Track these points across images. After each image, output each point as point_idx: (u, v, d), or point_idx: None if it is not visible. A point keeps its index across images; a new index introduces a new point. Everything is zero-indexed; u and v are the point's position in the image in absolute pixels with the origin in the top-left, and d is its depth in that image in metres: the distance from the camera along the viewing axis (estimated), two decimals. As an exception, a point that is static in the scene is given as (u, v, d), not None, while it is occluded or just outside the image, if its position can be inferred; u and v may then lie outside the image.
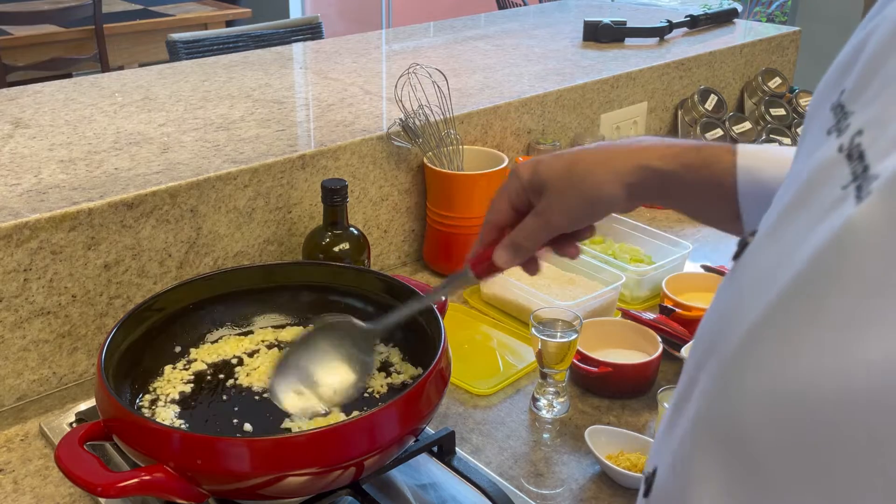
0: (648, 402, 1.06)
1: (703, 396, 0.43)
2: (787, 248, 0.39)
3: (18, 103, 1.41)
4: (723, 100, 1.85)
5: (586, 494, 0.90)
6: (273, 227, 1.21)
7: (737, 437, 0.39)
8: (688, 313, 1.16)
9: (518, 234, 0.75)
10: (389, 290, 0.99)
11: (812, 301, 0.35)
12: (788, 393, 0.35)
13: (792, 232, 0.39)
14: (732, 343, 0.41)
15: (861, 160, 0.35)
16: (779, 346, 0.37)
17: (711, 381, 0.42)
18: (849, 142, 0.37)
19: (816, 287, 0.35)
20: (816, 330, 0.35)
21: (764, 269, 0.41)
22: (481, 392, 1.07)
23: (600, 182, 0.72)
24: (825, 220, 0.36)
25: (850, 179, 0.35)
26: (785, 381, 0.36)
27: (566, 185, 0.73)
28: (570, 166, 0.73)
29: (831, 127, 0.40)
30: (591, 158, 0.73)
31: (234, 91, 1.51)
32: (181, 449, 0.73)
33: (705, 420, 0.43)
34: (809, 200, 0.39)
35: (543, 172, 0.74)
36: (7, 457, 0.94)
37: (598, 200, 0.73)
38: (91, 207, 1.02)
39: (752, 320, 0.39)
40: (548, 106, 1.57)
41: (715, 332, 0.45)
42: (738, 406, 0.39)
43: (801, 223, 0.38)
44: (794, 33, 2.12)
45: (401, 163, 1.35)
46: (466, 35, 2.03)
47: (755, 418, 0.38)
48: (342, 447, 0.75)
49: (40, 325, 1.02)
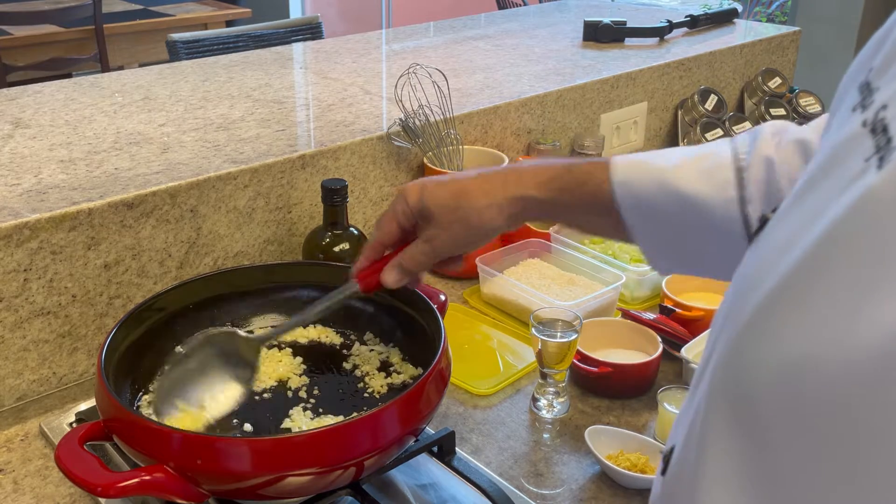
0: (648, 402, 1.06)
1: (718, 364, 0.44)
2: (807, 217, 0.39)
3: (18, 103, 1.41)
4: (723, 100, 1.85)
5: (586, 494, 0.90)
6: (273, 227, 1.21)
7: (746, 402, 0.40)
8: (688, 313, 1.16)
9: (406, 258, 0.82)
10: (389, 290, 0.99)
11: (828, 267, 0.36)
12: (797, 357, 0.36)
13: (812, 202, 0.40)
14: (747, 311, 0.41)
15: (885, 133, 0.35)
16: (792, 312, 0.37)
17: (726, 348, 0.43)
18: (873, 116, 0.37)
19: (833, 254, 0.36)
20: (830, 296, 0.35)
21: (783, 239, 0.41)
22: (481, 392, 1.07)
23: (482, 214, 0.78)
24: (847, 190, 0.36)
25: (873, 152, 0.36)
26: (795, 345, 0.36)
27: (451, 218, 0.79)
28: (455, 199, 0.79)
29: (857, 104, 0.40)
30: (473, 190, 0.79)
31: (234, 91, 1.51)
32: (181, 449, 0.73)
33: (719, 386, 0.43)
34: (832, 172, 0.39)
35: (430, 202, 0.80)
36: (7, 457, 0.94)
37: (480, 230, 0.79)
38: (91, 207, 1.02)
39: (767, 288, 0.40)
40: (548, 106, 1.57)
41: (732, 302, 0.45)
42: (749, 371, 0.40)
43: (821, 194, 0.39)
44: (794, 33, 2.12)
45: (401, 163, 1.35)
46: (466, 35, 2.03)
47: (764, 383, 0.38)
48: (342, 447, 0.75)
49: (40, 325, 1.02)
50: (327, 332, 1.03)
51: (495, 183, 0.78)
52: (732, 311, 0.44)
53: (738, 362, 0.41)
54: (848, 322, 0.33)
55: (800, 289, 0.37)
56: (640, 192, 0.72)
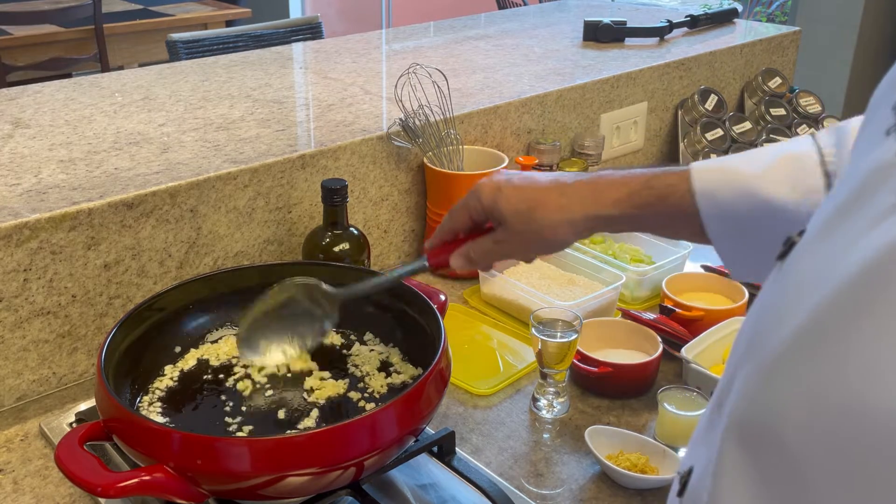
0: (648, 402, 1.06)
1: (741, 397, 0.43)
2: (838, 251, 0.38)
3: (18, 103, 1.41)
4: (723, 100, 1.85)
5: (586, 494, 0.90)
6: (273, 227, 1.21)
7: (774, 442, 0.38)
8: (688, 313, 1.16)
9: (476, 251, 0.82)
10: (389, 289, 0.99)
11: (861, 312, 0.34)
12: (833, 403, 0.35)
13: (842, 235, 0.38)
14: (773, 346, 0.40)
15: None
16: (821, 355, 0.36)
17: (750, 382, 0.42)
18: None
19: (866, 298, 0.34)
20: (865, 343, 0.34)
21: (811, 272, 0.40)
22: (481, 392, 1.07)
23: (556, 230, 0.77)
24: (878, 226, 0.35)
25: None
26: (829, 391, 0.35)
27: (524, 227, 0.79)
28: (529, 210, 0.78)
29: (891, 128, 0.39)
30: (549, 204, 0.77)
31: (234, 91, 1.51)
32: (181, 449, 0.73)
33: (741, 422, 0.42)
34: (863, 203, 0.38)
35: (504, 208, 0.79)
36: (7, 457, 0.94)
37: (551, 244, 0.79)
38: (91, 207, 1.02)
39: (796, 324, 0.38)
40: (548, 106, 1.57)
41: (757, 331, 0.44)
42: (777, 411, 0.38)
43: (852, 227, 0.37)
44: (794, 33, 2.12)
45: (401, 163, 1.35)
46: (466, 35, 2.03)
47: (796, 425, 0.37)
48: (342, 447, 0.75)
49: (40, 325, 1.02)
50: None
51: (573, 198, 0.76)
52: (755, 344, 0.43)
53: (764, 400, 0.40)
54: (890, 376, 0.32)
55: (835, 330, 0.36)
56: (723, 202, 0.70)
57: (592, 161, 1.62)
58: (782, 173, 0.69)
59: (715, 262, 1.34)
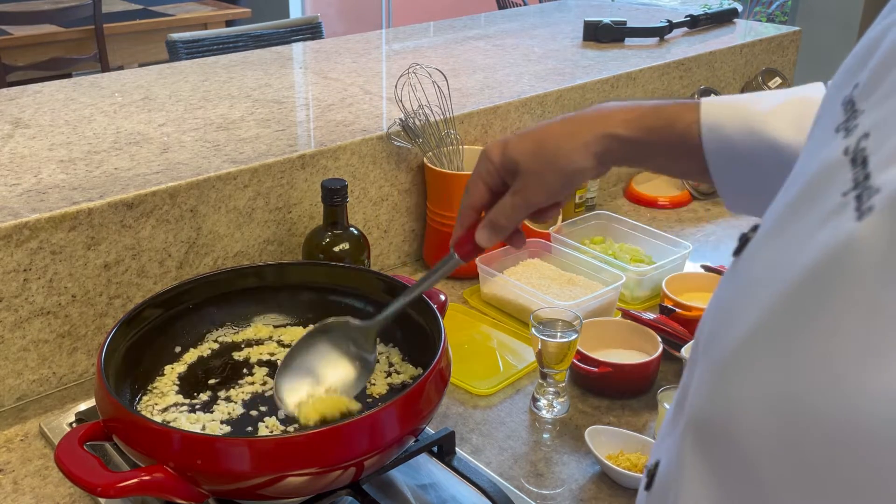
0: (648, 402, 1.06)
1: (697, 396, 0.43)
2: (787, 251, 0.38)
3: (18, 103, 1.41)
4: (723, 100, 1.85)
5: (586, 494, 0.90)
6: (273, 227, 1.21)
7: (729, 440, 0.39)
8: (688, 313, 1.16)
9: (497, 213, 0.78)
10: (389, 290, 0.99)
11: (808, 314, 0.35)
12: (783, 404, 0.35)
13: (792, 234, 0.39)
14: (726, 344, 0.40)
15: (864, 167, 0.34)
16: (773, 355, 0.37)
17: (704, 381, 0.42)
18: (854, 144, 0.36)
19: (813, 301, 0.35)
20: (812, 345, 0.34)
21: (764, 270, 0.40)
22: (481, 392, 1.07)
23: (571, 156, 0.75)
24: (825, 226, 0.35)
25: (851, 186, 0.34)
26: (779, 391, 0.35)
27: (539, 164, 0.76)
28: (540, 144, 0.76)
29: (840, 125, 0.39)
30: (557, 133, 0.76)
31: (234, 91, 1.51)
32: (181, 449, 0.73)
33: (697, 421, 0.42)
34: (811, 202, 0.38)
35: (514, 153, 0.76)
36: (7, 457, 0.94)
37: (571, 173, 0.75)
38: (91, 207, 1.02)
39: (747, 324, 0.39)
40: (548, 106, 1.57)
41: (712, 329, 0.45)
42: (730, 410, 0.39)
43: (801, 226, 0.38)
44: (794, 33, 2.12)
45: (401, 163, 1.35)
46: (466, 35, 2.03)
47: (749, 424, 0.37)
48: (342, 447, 0.75)
49: (40, 325, 1.02)
50: (327, 332, 1.02)
51: (580, 123, 0.75)
52: (710, 342, 0.43)
53: (717, 399, 0.40)
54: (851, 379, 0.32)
55: (784, 330, 0.36)
56: (728, 136, 0.70)
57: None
58: (790, 114, 0.69)
59: (715, 262, 1.34)
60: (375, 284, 1.01)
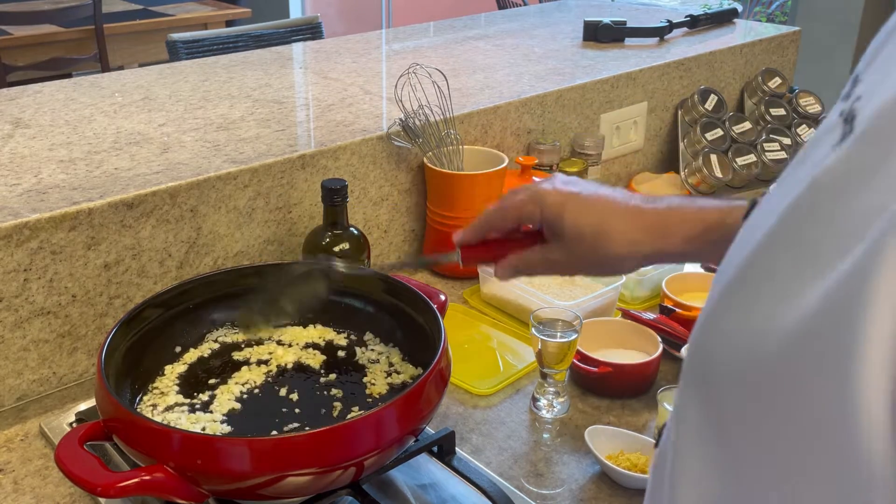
0: (648, 402, 1.06)
1: (689, 345, 0.45)
2: (773, 204, 0.40)
3: (18, 103, 1.41)
4: (723, 100, 1.85)
5: (586, 494, 0.90)
6: (273, 227, 1.21)
7: (707, 382, 0.41)
8: (688, 313, 1.16)
9: (524, 265, 0.77)
10: (389, 290, 0.99)
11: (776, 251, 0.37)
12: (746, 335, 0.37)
13: (784, 188, 0.41)
14: (716, 290, 0.42)
15: (851, 122, 0.36)
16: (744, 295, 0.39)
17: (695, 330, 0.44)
18: (849, 107, 0.38)
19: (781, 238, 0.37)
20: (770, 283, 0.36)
21: (756, 218, 0.43)
22: (481, 392, 1.07)
23: (622, 263, 0.74)
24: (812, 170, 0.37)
25: (839, 140, 0.36)
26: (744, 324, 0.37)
27: (585, 253, 0.74)
28: (596, 237, 0.73)
29: (845, 93, 0.40)
30: (618, 236, 0.72)
31: (234, 91, 1.51)
32: (181, 449, 0.73)
33: (688, 366, 0.44)
34: (805, 159, 0.40)
35: (569, 226, 0.73)
36: (7, 457, 0.94)
37: (611, 272, 0.76)
38: (91, 207, 1.02)
39: (731, 272, 0.41)
40: (548, 106, 1.57)
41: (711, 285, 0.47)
42: (709, 352, 0.41)
43: (790, 181, 0.40)
44: (794, 33, 2.12)
45: (401, 163, 1.35)
46: (466, 35, 2.03)
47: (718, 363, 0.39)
48: (342, 447, 0.75)
49: (40, 325, 1.02)
50: (327, 331, 1.03)
51: (644, 233, 0.73)
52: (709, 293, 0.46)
53: (702, 343, 0.42)
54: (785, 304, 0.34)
55: (753, 272, 0.39)
56: None
57: (592, 161, 1.62)
58: None
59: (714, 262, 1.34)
60: (375, 284, 1.01)
